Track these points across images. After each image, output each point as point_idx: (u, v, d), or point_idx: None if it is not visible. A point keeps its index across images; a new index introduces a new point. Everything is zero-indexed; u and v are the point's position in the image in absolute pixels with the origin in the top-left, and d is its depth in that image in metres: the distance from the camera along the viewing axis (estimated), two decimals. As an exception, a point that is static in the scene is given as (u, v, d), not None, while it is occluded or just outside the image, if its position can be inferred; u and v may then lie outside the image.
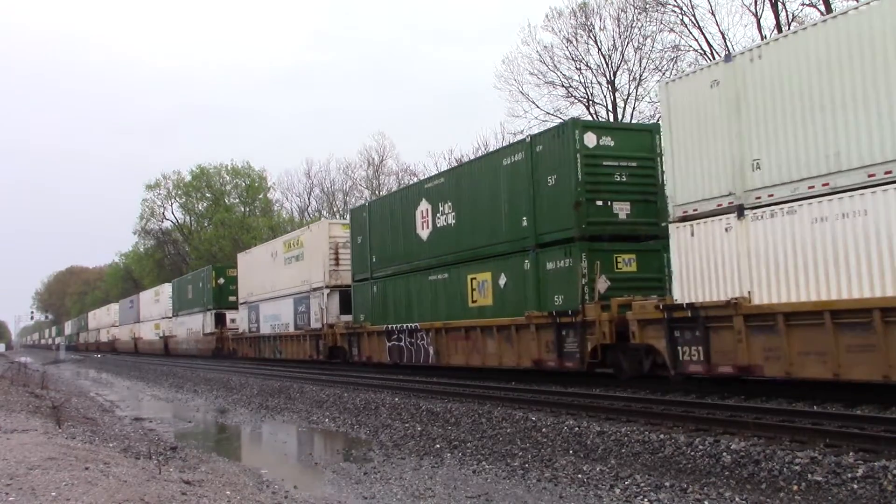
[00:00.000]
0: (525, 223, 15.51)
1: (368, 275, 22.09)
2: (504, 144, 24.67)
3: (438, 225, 18.71)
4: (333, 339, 24.27)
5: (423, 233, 19.31)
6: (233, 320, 37.39)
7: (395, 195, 22.59)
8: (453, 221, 18.08)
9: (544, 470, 8.89)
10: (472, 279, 17.28)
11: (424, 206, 19.37)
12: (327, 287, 25.18)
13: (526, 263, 15.49)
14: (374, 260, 21.83)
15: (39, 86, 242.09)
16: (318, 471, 10.01)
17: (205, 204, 73.11)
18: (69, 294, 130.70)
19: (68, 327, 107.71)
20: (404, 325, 19.91)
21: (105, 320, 73.87)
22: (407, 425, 12.82)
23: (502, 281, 16.24)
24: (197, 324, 41.65)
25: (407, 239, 20.11)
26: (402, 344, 19.97)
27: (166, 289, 50.27)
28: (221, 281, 39.30)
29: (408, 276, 20.01)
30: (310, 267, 26.32)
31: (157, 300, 52.55)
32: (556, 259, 14.69)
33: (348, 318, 23.79)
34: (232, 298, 37.49)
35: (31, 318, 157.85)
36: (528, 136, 16.13)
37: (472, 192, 17.35)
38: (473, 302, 17.23)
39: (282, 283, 28.92)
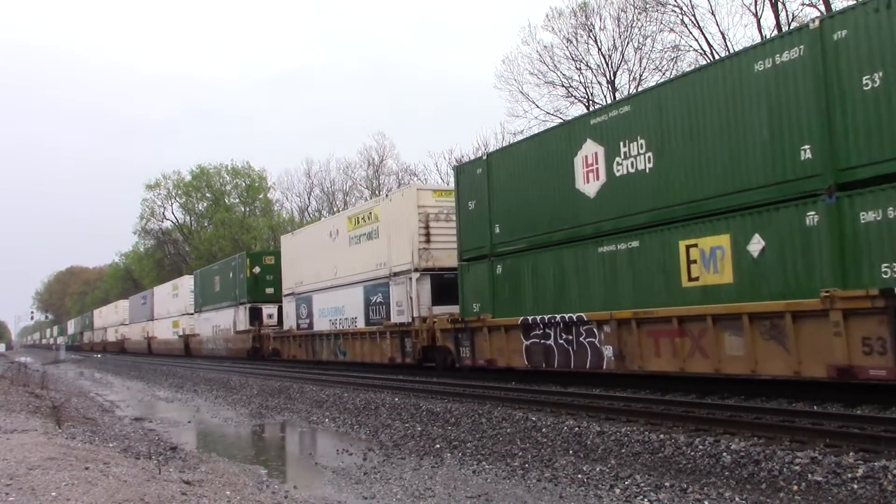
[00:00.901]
0: (808, 154, 10.58)
1: (488, 250, 16.98)
2: (710, 60, 21.63)
3: (618, 173, 13.73)
4: (430, 336, 19.26)
5: (590, 187, 14.40)
6: (270, 316, 33.23)
7: (531, 141, 16.55)
8: (650, 165, 13.11)
9: (544, 470, 8.89)
10: (687, 247, 12.35)
11: (590, 149, 14.35)
12: (416, 270, 20.18)
13: (811, 217, 10.51)
14: (496, 231, 16.70)
15: (40, 86, 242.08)
16: (318, 471, 10.01)
17: (205, 204, 73.21)
18: (69, 294, 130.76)
19: (71, 326, 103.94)
20: (556, 317, 14.89)
21: (112, 318, 69.78)
22: (407, 425, 12.82)
23: (755, 246, 11.27)
24: (226, 320, 36.52)
25: (559, 198, 15.11)
26: (550, 342, 15.20)
27: (187, 282, 45.48)
28: (257, 270, 34.02)
29: (559, 248, 15.04)
30: (389, 246, 21.58)
31: (175, 295, 47.75)
32: (886, 205, 9.65)
33: (447, 309, 19.31)
34: (270, 290, 33.38)
35: (31, 318, 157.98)
36: (811, 20, 11.02)
37: (689, 118, 12.40)
38: (692, 280, 12.28)
39: (346, 269, 24.21)
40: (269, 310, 33.54)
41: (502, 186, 16.64)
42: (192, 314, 43.71)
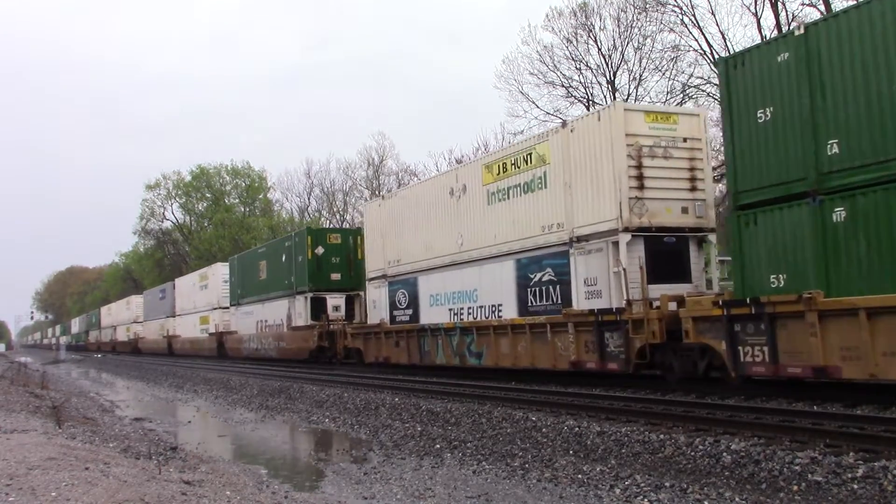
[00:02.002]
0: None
1: (809, 184, 10.70)
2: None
3: None
4: (662, 329, 12.64)
5: None
6: (336, 308, 27.10)
7: None
8: None
9: (544, 470, 8.89)
10: None
11: None
12: (626, 230, 13.66)
13: None
14: (832, 150, 10.41)
15: (40, 86, 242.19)
16: (318, 471, 10.01)
17: (205, 204, 73.24)
18: (69, 294, 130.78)
19: (75, 325, 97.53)
20: None
21: (123, 316, 63.35)
22: (407, 425, 12.82)
23: None
24: (278, 314, 29.94)
25: None
26: None
27: (219, 270, 38.80)
28: (320, 251, 27.19)
29: None
30: (568, 198, 14.93)
31: (203, 286, 41.16)
32: None
33: (667, 289, 13.44)
34: (336, 276, 27.20)
35: (31, 318, 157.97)
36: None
37: None
38: None
39: (482, 238, 17.66)
40: (334, 300, 27.31)
41: (848, 75, 10.25)
42: (226, 308, 37.24)
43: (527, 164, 16.29)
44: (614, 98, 35.61)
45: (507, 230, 16.81)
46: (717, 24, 45.30)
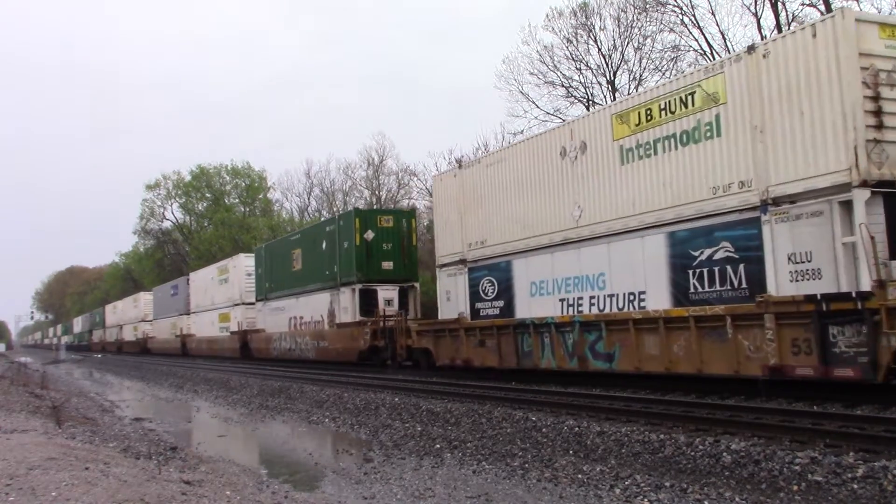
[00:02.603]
0: None
1: None
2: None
3: None
4: None
5: None
6: (388, 301, 23.39)
7: None
8: None
9: (544, 470, 8.89)
10: None
11: None
12: (865, 185, 10.07)
13: None
14: None
15: (40, 87, 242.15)
16: (318, 471, 10.01)
17: (205, 204, 73.18)
18: (69, 294, 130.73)
19: (77, 324, 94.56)
20: None
21: (130, 314, 60.25)
22: (407, 425, 12.82)
23: None
24: (318, 309, 26.46)
25: None
26: None
27: (242, 262, 35.53)
28: (370, 235, 23.69)
29: None
30: (755, 145, 11.48)
31: (223, 280, 37.75)
32: None
33: None
34: (388, 265, 23.73)
35: (31, 318, 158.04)
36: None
37: None
38: None
39: (614, 206, 14.19)
40: (387, 292, 23.69)
41: None
42: (251, 304, 34.15)
43: (685, 107, 12.76)
44: (614, 98, 35.49)
45: (654, 195, 13.31)
46: (717, 24, 45.26)
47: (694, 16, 32.49)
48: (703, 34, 32.67)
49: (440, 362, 19.16)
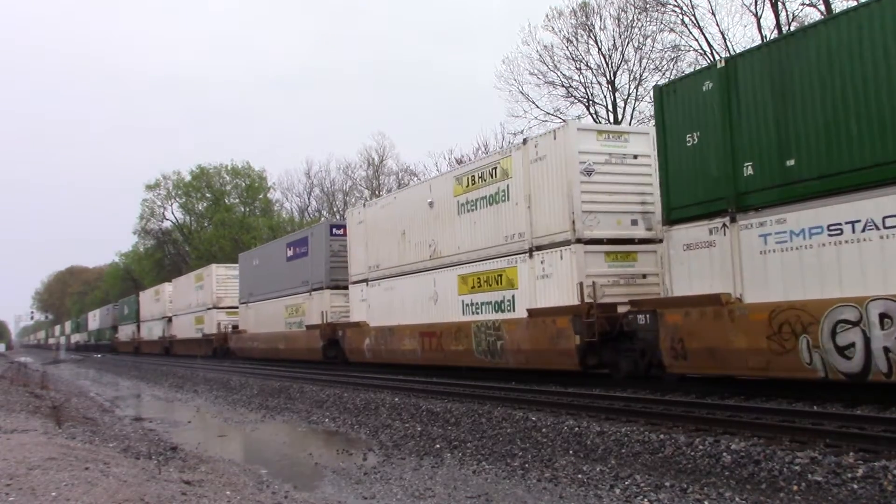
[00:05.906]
0: None
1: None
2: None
3: None
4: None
5: None
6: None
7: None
8: None
9: (544, 470, 8.89)
10: None
11: None
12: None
13: None
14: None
15: (39, 87, 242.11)
16: (318, 471, 10.01)
17: (205, 204, 73.20)
18: (69, 294, 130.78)
19: (94, 319, 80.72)
20: None
21: (189, 299, 42.82)
22: (407, 425, 12.82)
23: None
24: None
25: None
26: None
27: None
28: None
29: None
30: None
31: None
32: None
33: None
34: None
35: (31, 317, 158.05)
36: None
37: None
38: None
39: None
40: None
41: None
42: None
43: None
44: (614, 98, 35.48)
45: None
46: (718, 24, 45.28)
47: (694, 16, 32.58)
48: (704, 34, 32.75)
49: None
